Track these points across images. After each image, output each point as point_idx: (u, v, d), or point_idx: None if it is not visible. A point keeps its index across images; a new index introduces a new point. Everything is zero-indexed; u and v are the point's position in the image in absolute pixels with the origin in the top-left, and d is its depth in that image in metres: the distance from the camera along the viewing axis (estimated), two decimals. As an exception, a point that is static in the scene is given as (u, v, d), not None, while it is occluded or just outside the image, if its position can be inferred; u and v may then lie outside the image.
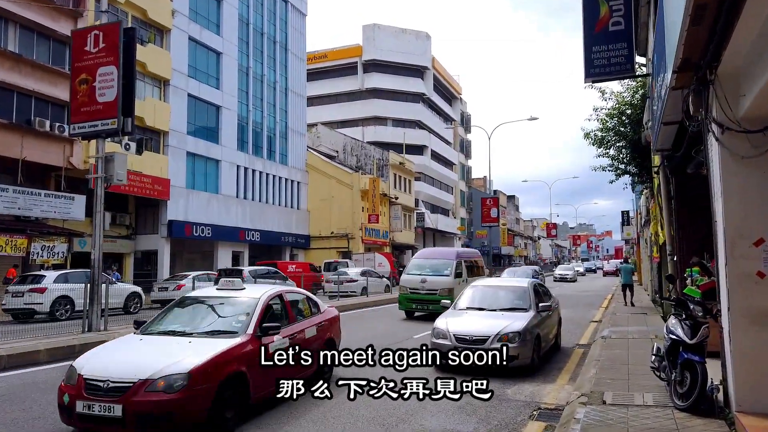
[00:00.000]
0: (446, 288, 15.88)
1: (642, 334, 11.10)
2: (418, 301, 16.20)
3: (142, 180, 27.60)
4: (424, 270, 16.89)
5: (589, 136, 15.74)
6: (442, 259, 17.51)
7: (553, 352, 10.06)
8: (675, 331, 5.58)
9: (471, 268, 18.29)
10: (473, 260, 19.33)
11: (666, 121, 7.64)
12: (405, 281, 16.95)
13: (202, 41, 32.43)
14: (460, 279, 16.61)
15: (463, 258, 18.00)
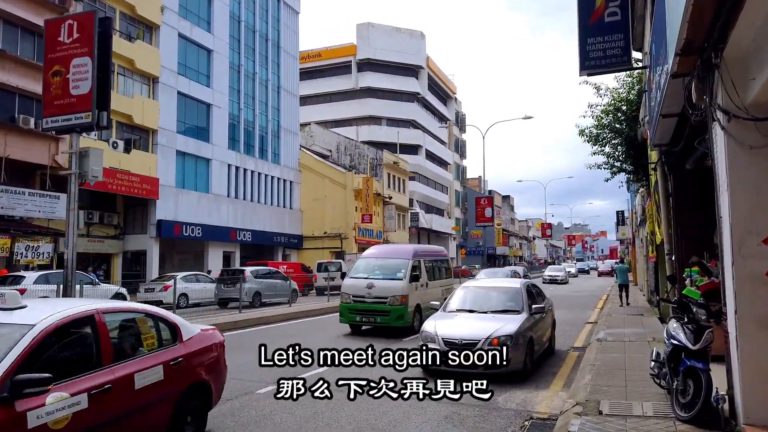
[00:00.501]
0: (398, 295, 12.49)
1: (639, 337, 10.73)
2: (364, 312, 12.71)
3: (131, 179, 27.10)
4: (372, 272, 13.41)
5: (584, 133, 15.36)
6: (396, 259, 13.77)
7: (547, 356, 9.68)
8: (676, 335, 5.19)
9: (433, 269, 14.98)
10: (436, 260, 15.61)
11: (665, 113, 7.25)
12: (347, 287, 13.30)
13: (192, 38, 31.93)
14: (417, 283, 13.33)
15: (423, 257, 14.44)
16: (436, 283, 14.76)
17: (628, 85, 14.65)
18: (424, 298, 13.27)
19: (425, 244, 63.87)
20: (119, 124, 27.38)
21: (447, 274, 16.31)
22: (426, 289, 13.70)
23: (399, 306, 12.43)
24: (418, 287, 13.38)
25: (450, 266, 17.13)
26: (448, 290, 14.44)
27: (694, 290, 8.75)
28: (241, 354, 10.37)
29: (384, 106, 59.51)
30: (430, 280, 14.30)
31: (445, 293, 13.91)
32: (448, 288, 15.08)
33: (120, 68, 27.47)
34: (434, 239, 65.46)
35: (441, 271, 15.70)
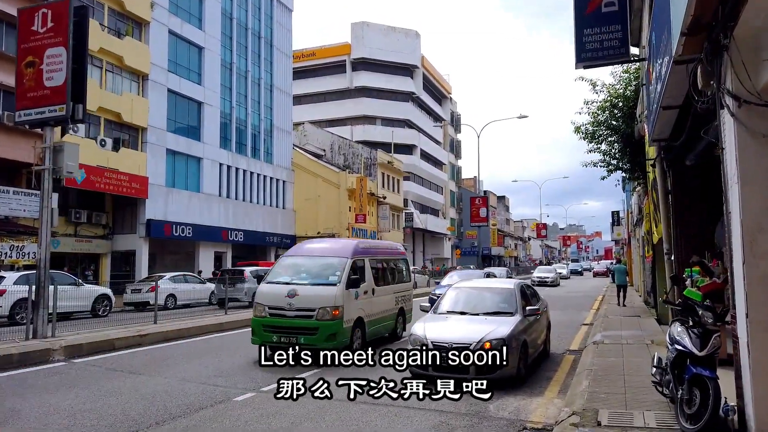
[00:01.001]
0: (330, 306, 9.25)
1: (637, 339, 10.36)
2: (283, 329, 9.37)
3: (119, 178, 26.62)
4: (297, 275, 10.22)
5: (580, 130, 15.01)
6: (330, 257, 10.42)
7: (542, 359, 9.30)
8: (681, 340, 4.81)
9: (384, 271, 11.81)
10: (388, 259, 12.30)
11: (666, 104, 6.89)
12: (262, 295, 9.92)
13: (183, 35, 31.44)
14: (358, 290, 10.02)
15: (369, 255, 11.14)
16: (387, 289, 11.51)
17: (624, 81, 14.32)
18: (368, 309, 10.34)
19: (421, 244, 63.67)
20: (107, 121, 26.90)
21: (403, 277, 12.94)
22: (372, 298, 10.56)
23: (330, 321, 9.15)
24: (360, 295, 10.08)
25: (408, 267, 13.67)
26: (406, 298, 12.47)
27: (695, 291, 8.39)
28: (227, 356, 9.99)
29: (379, 106, 59.16)
30: (378, 285, 11.03)
31: (400, 302, 12.05)
32: (404, 296, 12.43)
33: (108, 65, 26.99)
34: (429, 239, 65.12)
35: (395, 273, 12.43)
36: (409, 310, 12.80)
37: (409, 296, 13.08)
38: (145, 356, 9.99)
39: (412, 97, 62.55)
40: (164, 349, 11.01)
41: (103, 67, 26.76)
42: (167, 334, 12.02)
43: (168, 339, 11.90)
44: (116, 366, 9.08)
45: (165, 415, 6.19)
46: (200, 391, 7.37)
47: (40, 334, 9.76)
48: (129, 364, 9.31)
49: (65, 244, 26.19)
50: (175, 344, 11.54)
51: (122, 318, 16.13)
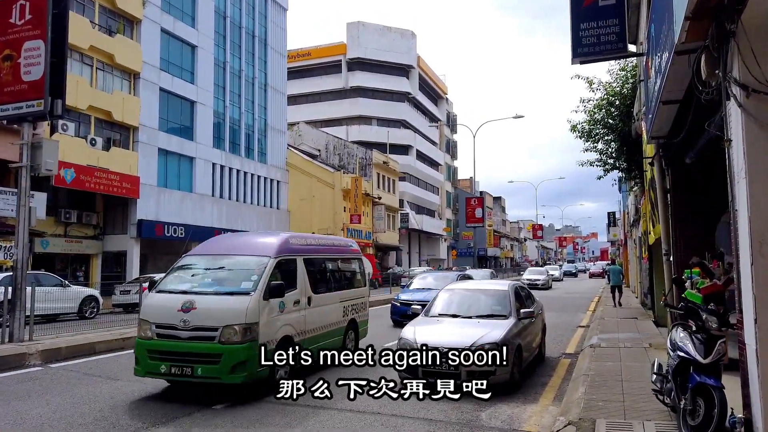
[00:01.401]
0: (239, 325, 6.91)
1: (635, 343, 10.09)
2: (174, 356, 6.98)
3: (110, 177, 26.23)
4: (200, 281, 7.78)
5: (576, 128, 14.75)
6: (244, 256, 8.02)
7: (537, 363, 9.01)
8: (684, 347, 4.52)
9: (327, 274, 9.47)
10: (331, 259, 9.76)
11: (665, 99, 6.61)
12: (149, 309, 7.50)
13: (175, 33, 31.07)
14: (284, 299, 7.56)
15: (303, 253, 8.52)
16: (331, 296, 9.16)
17: (621, 79, 14.07)
18: (302, 324, 7.98)
19: (416, 245, 63.39)
20: (98, 120, 26.53)
21: (356, 281, 10.44)
22: (308, 309, 8.20)
23: (238, 345, 6.77)
24: (288, 306, 7.67)
25: (363, 268, 10.94)
26: (358, 307, 10.07)
27: (695, 293, 8.12)
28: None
29: (374, 106, 58.91)
30: (318, 292, 8.63)
31: (351, 312, 9.68)
32: (356, 304, 10.00)
33: (99, 63, 26.62)
34: (425, 240, 64.85)
35: (344, 276, 10.12)
36: (364, 321, 10.41)
37: (363, 304, 10.44)
38: (126, 361, 9.62)
39: (408, 98, 62.31)
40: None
41: (93, 66, 26.40)
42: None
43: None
44: (94, 371, 8.74)
45: (140, 424, 5.87)
46: (181, 396, 7.05)
47: (16, 338, 9.41)
48: (108, 369, 8.97)
49: (55, 244, 25.80)
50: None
51: (109, 320, 15.76)
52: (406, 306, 13.91)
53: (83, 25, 25.24)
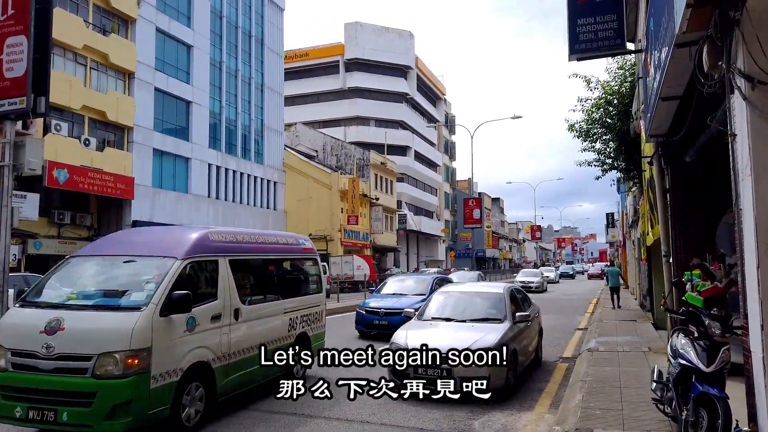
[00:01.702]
0: (120, 352, 5.13)
1: (633, 346, 9.85)
2: (32, 393, 5.20)
3: (103, 178, 25.95)
4: (80, 290, 6.02)
5: (574, 127, 14.51)
6: (141, 258, 6.25)
7: (533, 368, 8.77)
8: (685, 354, 4.28)
9: (266, 279, 7.82)
10: (272, 260, 7.99)
11: (665, 95, 6.38)
12: (5, 329, 5.63)
13: (170, 33, 30.84)
14: (194, 315, 5.85)
15: (229, 254, 6.77)
16: (273, 307, 7.40)
17: (620, 78, 13.85)
18: (225, 346, 6.27)
19: (415, 246, 63.19)
20: (92, 120, 26.28)
21: (309, 286, 8.71)
22: (236, 326, 6.52)
23: (119, 379, 5.09)
24: (203, 323, 6.00)
25: (320, 271, 9.14)
26: (311, 319, 8.23)
27: (696, 296, 7.90)
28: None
29: (372, 107, 58.72)
30: (252, 302, 6.95)
31: (300, 325, 7.88)
32: (308, 315, 8.20)
33: (93, 63, 26.37)
34: (423, 241, 64.64)
35: (290, 282, 8.49)
36: (319, 335, 8.60)
37: (318, 315, 8.60)
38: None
39: (406, 98, 62.13)
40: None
41: (87, 65, 26.15)
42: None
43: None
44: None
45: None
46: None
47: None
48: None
49: (48, 245, 25.53)
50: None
51: None
52: (373, 314, 12.50)
53: (77, 25, 25.00)
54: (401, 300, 12.33)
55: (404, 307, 10.90)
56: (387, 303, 12.74)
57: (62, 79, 24.42)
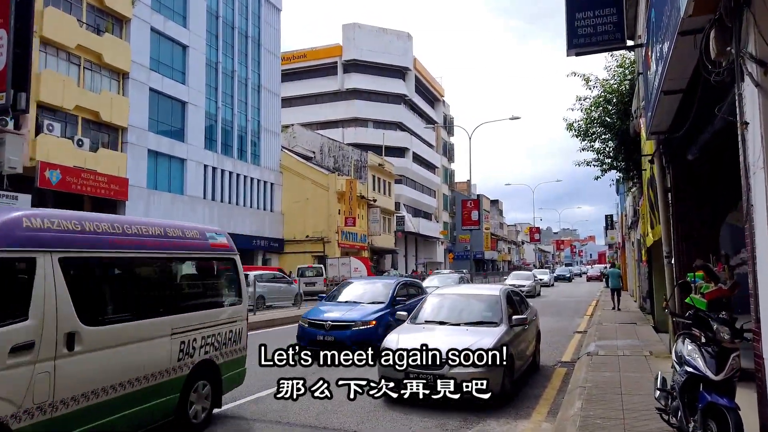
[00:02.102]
0: None
1: (634, 350, 9.56)
2: None
3: (97, 179, 25.63)
4: None
5: (572, 127, 14.26)
6: None
7: (531, 373, 8.48)
8: (692, 361, 4.00)
9: (152, 285, 5.80)
10: (152, 257, 5.61)
11: (667, 88, 6.11)
12: None
13: (166, 33, 30.56)
14: None
15: (62, 250, 4.47)
16: (147, 328, 5.27)
17: (619, 76, 13.59)
18: (44, 391, 4.17)
19: (413, 248, 62.88)
20: (85, 121, 25.96)
21: (218, 296, 6.70)
22: (69, 359, 4.41)
23: None
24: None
25: (238, 275, 6.91)
26: (219, 340, 6.20)
27: (699, 298, 7.62)
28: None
29: (370, 108, 58.47)
30: (109, 321, 4.95)
31: (201, 350, 5.88)
32: (216, 335, 6.16)
33: (87, 62, 26.07)
34: (422, 243, 64.34)
35: (182, 290, 6.22)
36: (234, 362, 6.50)
37: (233, 336, 6.50)
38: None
39: (404, 100, 61.89)
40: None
41: (81, 65, 25.85)
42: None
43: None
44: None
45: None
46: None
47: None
48: None
49: None
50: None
51: None
52: (316, 328, 9.83)
53: (70, 24, 24.72)
54: (353, 310, 10.15)
55: (356, 319, 9.69)
56: (335, 314, 10.12)
57: (55, 78, 24.15)
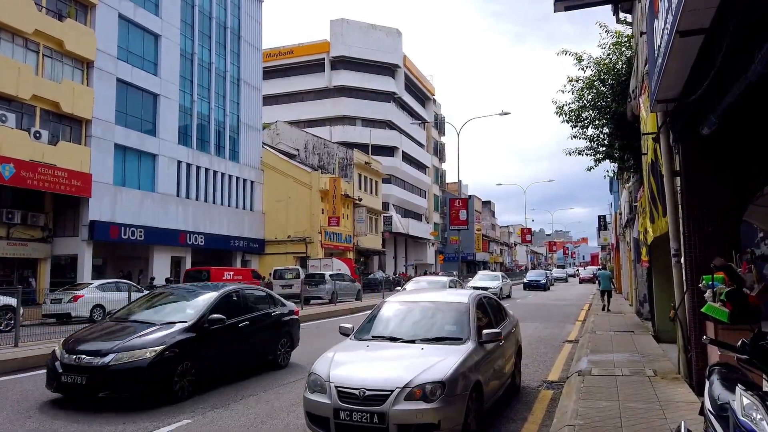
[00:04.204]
0: None
1: (634, 368, 8.00)
2: None
3: (56, 174, 23.96)
4: None
5: (563, 110, 12.71)
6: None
7: (509, 397, 6.90)
8: (751, 426, 2.40)
9: None
10: None
11: (685, 27, 4.54)
12: None
13: (135, 21, 28.90)
14: None
15: None
16: None
17: (616, 52, 12.07)
18: None
19: (403, 249, 61.19)
20: (44, 111, 24.29)
21: None
22: None
23: None
24: None
25: None
26: None
27: (719, 307, 6.07)
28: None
29: (359, 106, 56.94)
30: None
31: None
32: None
33: (46, 49, 24.39)
34: (412, 244, 62.77)
35: None
36: None
37: None
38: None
39: (394, 98, 60.37)
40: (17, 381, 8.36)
41: (39, 52, 24.16)
42: (26, 361, 9.31)
43: (24, 368, 9.05)
44: None
45: None
46: None
47: None
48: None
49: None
50: (32, 374, 8.76)
51: (29, 333, 13.35)
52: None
53: (26, 7, 23.07)
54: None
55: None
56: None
57: (9, 65, 22.45)
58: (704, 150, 6.68)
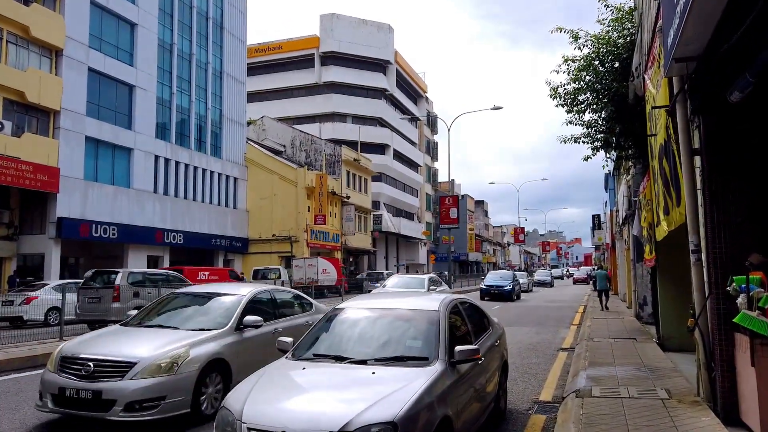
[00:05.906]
0: None
1: (643, 387, 6.73)
2: None
3: (20, 167, 22.51)
4: None
5: (557, 92, 11.46)
6: None
7: (492, 426, 5.62)
8: None
9: None
10: None
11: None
12: None
13: (109, 8, 27.49)
14: None
15: None
16: None
17: (617, 27, 10.83)
18: None
19: (394, 249, 59.78)
20: (7, 101, 22.83)
21: None
22: None
23: None
24: None
25: None
26: None
27: (756, 317, 4.84)
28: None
29: (349, 102, 55.64)
30: None
31: None
32: None
33: (10, 35, 22.96)
34: (403, 244, 61.49)
35: None
36: None
37: None
38: None
39: (385, 94, 59.09)
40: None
41: (3, 38, 22.71)
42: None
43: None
44: None
45: None
46: None
47: None
48: None
49: None
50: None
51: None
52: None
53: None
54: None
55: None
56: None
57: (-32, 51, 21.04)
58: (732, 122, 5.42)
